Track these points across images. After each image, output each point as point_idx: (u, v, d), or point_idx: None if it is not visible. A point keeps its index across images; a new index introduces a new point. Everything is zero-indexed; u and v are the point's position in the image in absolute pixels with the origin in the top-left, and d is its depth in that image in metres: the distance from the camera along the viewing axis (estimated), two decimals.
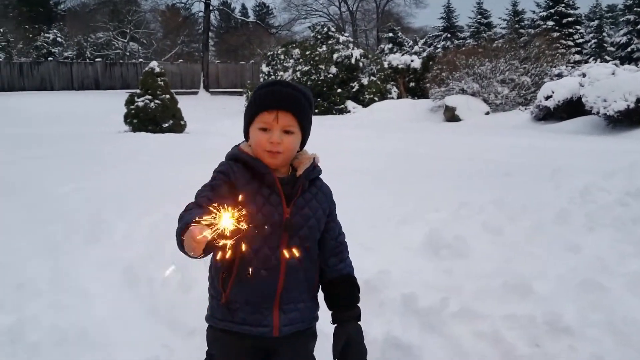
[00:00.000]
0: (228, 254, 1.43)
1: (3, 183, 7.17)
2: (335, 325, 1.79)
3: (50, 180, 7.12)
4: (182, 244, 1.44)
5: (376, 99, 25.15)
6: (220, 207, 1.37)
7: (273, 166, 1.68)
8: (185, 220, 1.45)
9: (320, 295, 1.84)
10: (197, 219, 1.38)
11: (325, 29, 28.87)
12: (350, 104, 24.89)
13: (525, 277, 2.77)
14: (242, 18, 46.78)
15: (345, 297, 1.81)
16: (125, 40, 41.34)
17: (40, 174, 7.70)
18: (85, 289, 3.52)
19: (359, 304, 1.83)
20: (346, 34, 30.85)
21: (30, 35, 42.03)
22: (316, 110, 23.83)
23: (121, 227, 4.75)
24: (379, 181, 6.53)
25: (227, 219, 1.35)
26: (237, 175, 1.66)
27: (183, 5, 39.64)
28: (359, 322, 1.81)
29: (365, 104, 24.82)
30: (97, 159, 9.20)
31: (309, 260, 1.74)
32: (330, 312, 1.82)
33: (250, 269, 1.63)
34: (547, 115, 16.90)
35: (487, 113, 19.75)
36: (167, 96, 15.32)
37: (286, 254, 1.66)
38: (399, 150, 10.13)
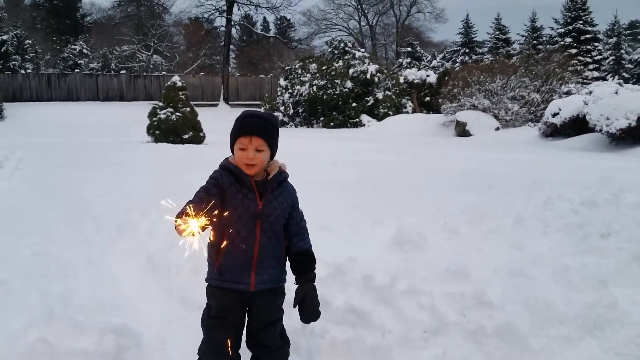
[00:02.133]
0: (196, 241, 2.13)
1: (42, 186, 8.03)
2: (297, 285, 2.48)
3: (82, 185, 7.96)
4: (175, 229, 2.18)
5: (391, 113, 25.79)
6: (193, 213, 2.10)
7: (250, 174, 2.39)
8: (178, 213, 2.16)
9: (288, 266, 2.54)
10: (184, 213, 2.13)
11: (342, 45, 29.68)
12: (364, 117, 25.59)
13: (466, 266, 3.43)
14: (263, 33, 47.90)
15: (304, 265, 2.49)
16: (149, 53, 42.60)
17: (73, 179, 8.55)
18: (115, 273, 4.27)
19: (314, 271, 2.51)
20: (362, 50, 31.58)
21: (58, 47, 43.61)
22: (331, 124, 24.70)
23: (144, 226, 5.49)
24: (377, 191, 7.21)
25: (194, 224, 2.09)
26: (224, 179, 2.36)
27: (206, 19, 40.91)
28: (314, 283, 2.49)
29: (379, 117, 25.49)
30: (123, 167, 10.03)
31: (276, 239, 2.44)
32: (294, 276, 2.51)
33: (234, 245, 2.36)
34: (555, 131, 17.34)
35: (497, 129, 20.29)
36: (188, 109, 16.21)
37: (259, 234, 2.37)
38: (403, 163, 10.80)
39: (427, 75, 29.76)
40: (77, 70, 37.83)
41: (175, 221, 2.13)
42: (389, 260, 3.64)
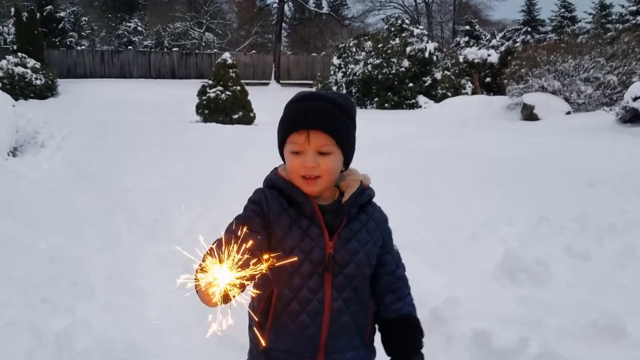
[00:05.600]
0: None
1: (81, 170, 7.44)
2: None
3: (120, 171, 7.29)
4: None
5: (449, 94, 24.43)
6: (217, 260, 1.10)
7: (312, 194, 1.43)
8: (199, 266, 1.15)
9: (378, 338, 1.60)
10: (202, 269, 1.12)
11: (399, 22, 28.34)
12: (421, 98, 24.28)
13: (616, 314, 2.42)
14: (316, 9, 46.68)
15: (405, 342, 1.54)
16: (202, 31, 42.25)
17: (114, 162, 7.93)
18: (139, 288, 3.46)
19: (422, 350, 1.56)
20: (421, 27, 30.06)
21: (113, 24, 43.91)
22: (386, 105, 23.57)
23: (182, 223, 4.71)
24: (445, 185, 6.17)
25: (224, 276, 1.09)
26: (270, 204, 1.43)
27: None
28: None
29: (437, 99, 24.16)
30: (167, 150, 9.35)
31: (358, 302, 1.48)
32: (389, 357, 1.57)
33: (288, 313, 1.42)
34: (634, 117, 15.77)
35: (568, 113, 18.72)
36: (238, 87, 15.46)
37: (330, 296, 1.42)
38: (469, 151, 9.66)
39: (489, 55, 28.16)
40: (130, 47, 37.87)
41: (196, 277, 1.13)
42: (500, 299, 2.66)
